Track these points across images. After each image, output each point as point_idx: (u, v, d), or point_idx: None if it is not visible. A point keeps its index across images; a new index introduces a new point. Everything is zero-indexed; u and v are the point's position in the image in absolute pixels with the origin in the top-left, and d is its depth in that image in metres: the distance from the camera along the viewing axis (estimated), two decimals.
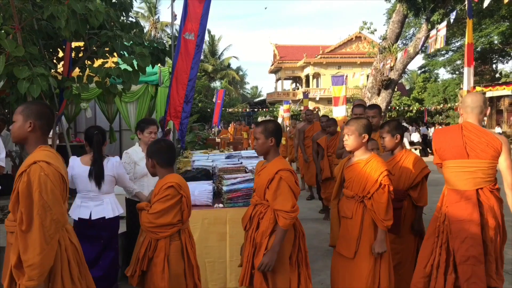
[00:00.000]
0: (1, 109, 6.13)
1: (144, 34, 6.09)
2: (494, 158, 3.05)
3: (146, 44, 5.31)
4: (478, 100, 3.14)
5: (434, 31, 8.90)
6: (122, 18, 5.35)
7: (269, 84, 74.76)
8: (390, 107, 27.98)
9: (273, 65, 48.70)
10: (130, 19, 5.54)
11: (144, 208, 2.88)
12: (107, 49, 5.05)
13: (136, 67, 4.94)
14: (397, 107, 31.60)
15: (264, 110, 44.71)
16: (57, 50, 5.48)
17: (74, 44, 5.29)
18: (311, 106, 28.41)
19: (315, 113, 10.41)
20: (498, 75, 29.08)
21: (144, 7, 45.17)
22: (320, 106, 33.43)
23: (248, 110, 43.73)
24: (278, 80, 49.79)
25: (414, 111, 31.81)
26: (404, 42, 25.62)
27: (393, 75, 11.47)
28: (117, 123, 10.13)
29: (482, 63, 28.32)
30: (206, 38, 44.41)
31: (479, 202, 3.06)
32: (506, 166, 3.05)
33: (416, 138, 20.50)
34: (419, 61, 57.43)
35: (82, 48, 5.39)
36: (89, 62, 5.34)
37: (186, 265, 2.87)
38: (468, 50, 6.47)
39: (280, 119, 29.68)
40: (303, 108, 19.60)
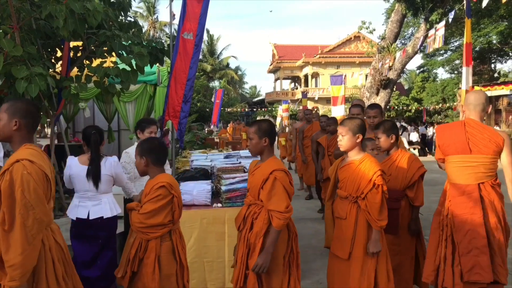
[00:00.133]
0: None
1: (142, 34, 6.09)
2: (496, 153, 3.16)
3: (144, 43, 5.31)
4: (480, 98, 3.27)
5: (432, 31, 8.91)
6: (120, 17, 5.34)
7: (268, 83, 74.99)
8: (389, 107, 28.03)
9: (272, 64, 48.71)
10: (129, 19, 5.53)
11: (134, 208, 2.84)
12: (106, 48, 5.04)
13: (134, 67, 4.94)
14: (395, 107, 31.62)
15: (263, 109, 44.71)
16: (55, 49, 5.47)
17: (72, 43, 5.29)
18: (310, 105, 28.40)
19: (315, 112, 10.39)
20: (496, 75, 29.11)
21: (142, 7, 45.16)
22: (319, 105, 33.41)
23: (247, 109, 43.75)
24: (277, 79, 49.81)
25: (413, 111, 31.85)
26: (403, 42, 25.65)
27: (391, 75, 11.48)
28: (115, 123, 10.11)
29: (480, 63, 28.34)
30: (204, 37, 44.47)
31: (481, 197, 3.16)
32: (508, 162, 3.17)
33: (415, 137, 20.53)
34: (418, 60, 57.44)
35: (81, 47, 5.38)
36: (87, 62, 5.33)
37: (178, 266, 2.84)
38: (466, 50, 6.48)
39: (279, 119, 29.71)
40: (302, 107, 19.59)
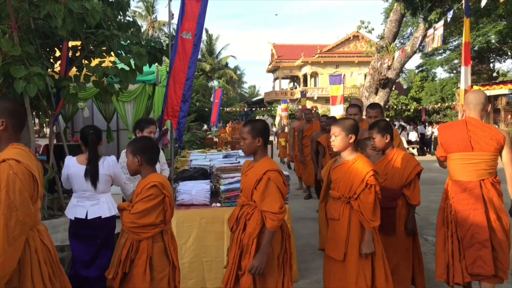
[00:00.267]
0: None
1: (141, 33, 6.09)
2: (497, 150, 3.28)
3: (143, 43, 5.31)
4: (480, 97, 3.39)
5: (431, 30, 8.92)
6: (119, 17, 5.35)
7: (267, 83, 74.92)
8: (387, 106, 28.04)
9: (271, 64, 48.72)
10: (127, 18, 5.54)
11: (125, 208, 2.79)
12: (104, 48, 5.04)
13: (133, 67, 4.94)
14: (394, 106, 31.65)
15: (262, 109, 44.72)
16: (54, 49, 5.47)
17: (71, 43, 5.28)
18: (309, 105, 28.42)
19: (314, 112, 10.37)
20: (495, 74, 29.15)
21: (141, 6, 45.12)
22: (318, 105, 33.44)
23: (246, 109, 43.75)
24: (276, 79, 49.82)
25: (412, 110, 31.88)
26: (401, 41, 25.65)
27: (390, 74, 11.49)
28: (114, 123, 10.10)
29: (479, 62, 28.35)
30: (203, 37, 44.46)
31: (481, 193, 3.28)
32: (508, 159, 3.29)
33: (413, 137, 20.54)
34: (417, 60, 57.49)
35: (79, 47, 5.38)
36: (86, 62, 5.33)
37: (170, 267, 2.80)
38: (465, 49, 6.49)
39: (278, 118, 29.71)
40: (301, 106, 19.59)
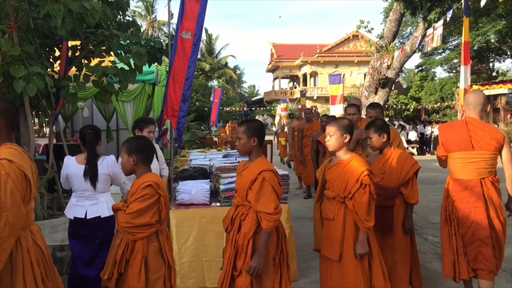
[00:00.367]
0: None
1: (141, 33, 6.09)
2: (497, 149, 3.38)
3: (142, 43, 5.31)
4: (480, 98, 3.48)
5: (431, 30, 8.91)
6: (118, 17, 5.35)
7: (266, 83, 74.94)
8: (387, 106, 28.03)
9: (270, 64, 48.72)
10: (127, 18, 5.54)
11: (120, 208, 2.77)
12: (104, 48, 5.04)
13: (133, 66, 4.94)
14: (394, 106, 31.66)
15: (261, 109, 44.71)
16: (53, 49, 5.47)
17: (70, 43, 5.28)
18: (309, 104, 28.42)
19: (314, 111, 10.37)
20: (495, 74, 29.16)
21: (141, 6, 45.12)
22: (317, 105, 33.45)
23: (245, 109, 43.75)
24: (275, 79, 49.83)
25: (411, 110, 31.89)
26: (401, 41, 25.64)
27: (390, 74, 11.50)
28: (114, 122, 10.11)
29: (479, 62, 28.36)
30: (203, 37, 44.44)
31: (482, 191, 3.38)
32: (508, 158, 3.39)
33: (413, 136, 20.54)
34: (416, 59, 57.48)
35: (79, 47, 5.38)
36: (85, 61, 5.33)
37: (166, 267, 2.79)
38: (465, 49, 6.49)
39: (277, 118, 29.70)
40: (301, 106, 19.60)
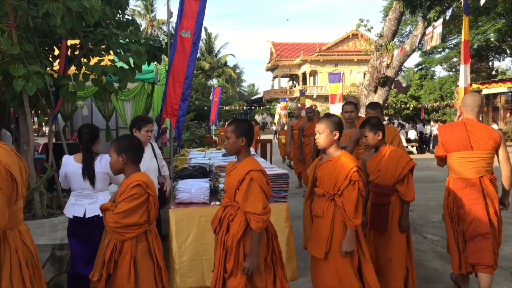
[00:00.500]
0: None
1: (140, 32, 6.08)
2: (494, 149, 3.56)
3: (142, 42, 5.30)
4: (477, 100, 3.68)
5: (430, 29, 8.92)
6: (118, 16, 5.33)
7: (266, 82, 74.79)
8: (387, 105, 28.06)
9: (270, 62, 48.70)
10: (126, 17, 5.52)
11: (108, 208, 2.73)
12: (103, 47, 5.03)
13: (132, 65, 4.93)
14: (393, 105, 31.68)
15: (261, 108, 44.71)
16: (52, 48, 5.46)
17: (70, 42, 5.27)
18: (308, 103, 28.42)
19: (315, 110, 10.36)
20: (494, 73, 29.19)
21: (140, 5, 45.08)
22: (317, 103, 33.45)
23: (245, 108, 43.73)
24: (275, 78, 49.81)
25: (411, 109, 31.90)
26: (400, 40, 25.67)
27: (389, 73, 11.50)
28: (113, 121, 10.11)
29: (478, 61, 28.39)
30: (202, 36, 44.37)
31: (482, 189, 3.56)
32: (504, 158, 3.57)
33: (412, 135, 20.54)
34: (416, 58, 57.52)
35: (78, 46, 5.37)
36: (85, 60, 5.32)
37: (155, 267, 2.76)
38: (464, 48, 6.49)
39: (277, 117, 29.72)
40: (300, 105, 19.61)
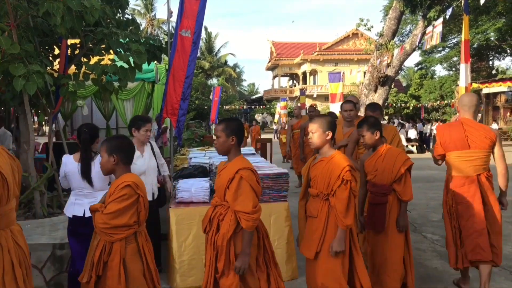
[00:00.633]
0: None
1: (140, 31, 6.08)
2: (490, 147, 3.67)
3: (142, 41, 5.30)
4: (474, 100, 3.79)
5: (430, 28, 8.92)
6: (118, 15, 5.33)
7: (266, 81, 74.83)
8: (387, 104, 28.06)
9: (270, 62, 48.68)
10: (126, 16, 5.53)
11: (98, 209, 2.70)
12: (103, 46, 5.03)
13: (132, 64, 4.93)
14: (394, 104, 31.68)
15: (261, 107, 44.70)
16: (53, 47, 5.46)
17: (70, 41, 5.27)
18: (308, 103, 28.41)
19: (316, 110, 10.35)
20: (494, 72, 29.19)
21: (140, 4, 45.06)
22: (317, 103, 33.44)
23: (245, 107, 43.72)
24: (275, 77, 49.79)
25: (411, 108, 31.90)
26: (400, 39, 25.64)
27: (389, 72, 11.49)
28: (113, 121, 10.11)
29: (478, 60, 28.39)
30: (202, 35, 44.37)
31: (479, 187, 3.66)
32: (499, 155, 3.68)
33: (412, 135, 20.52)
34: (416, 57, 57.49)
35: (78, 45, 5.37)
36: (85, 59, 5.32)
37: (145, 268, 2.74)
38: (464, 47, 6.49)
39: (277, 116, 29.72)
40: (300, 104, 19.62)
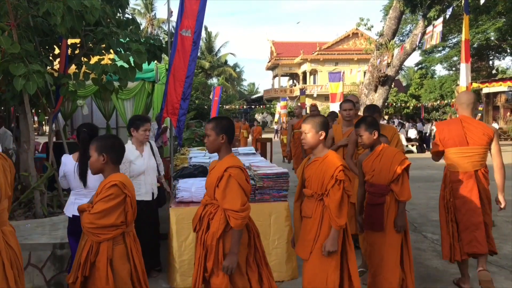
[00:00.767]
0: None
1: (140, 31, 6.08)
2: (488, 144, 3.78)
3: (142, 41, 5.30)
4: (472, 98, 3.92)
5: (430, 27, 8.91)
6: (118, 14, 5.34)
7: (266, 81, 74.82)
8: (387, 104, 28.04)
9: (270, 61, 48.67)
10: (127, 16, 5.53)
11: (85, 209, 2.68)
12: (103, 46, 5.03)
13: (132, 64, 4.93)
14: (394, 104, 31.67)
15: (261, 107, 44.70)
16: (53, 47, 5.47)
17: (70, 41, 5.27)
18: (308, 102, 28.40)
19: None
20: (494, 72, 29.18)
21: (140, 4, 45.07)
22: (317, 102, 33.40)
23: (245, 107, 43.72)
24: (275, 77, 49.78)
25: (411, 108, 31.89)
26: (401, 39, 25.60)
27: (390, 72, 11.49)
28: (114, 120, 10.11)
29: (478, 60, 28.36)
30: (202, 34, 44.38)
31: (476, 182, 3.78)
32: (496, 150, 3.80)
33: (413, 134, 20.52)
34: (416, 57, 57.47)
35: (78, 45, 5.38)
36: (85, 59, 5.33)
37: (132, 269, 2.71)
38: (465, 47, 6.48)
39: (277, 116, 29.70)
40: (300, 104, 19.60)
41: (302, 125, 3.13)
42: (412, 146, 19.57)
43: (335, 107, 12.29)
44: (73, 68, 5.40)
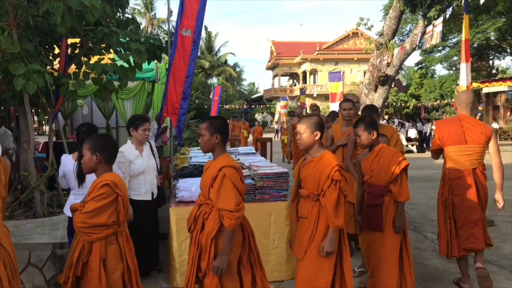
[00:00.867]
0: None
1: (140, 31, 6.08)
2: (486, 143, 3.84)
3: (142, 40, 5.30)
4: (471, 97, 3.98)
5: (430, 27, 8.90)
6: (118, 14, 5.33)
7: (266, 80, 74.80)
8: (387, 103, 28.03)
9: (270, 61, 48.66)
10: (126, 16, 5.53)
11: (77, 208, 2.68)
12: (103, 45, 5.03)
13: (132, 64, 4.93)
14: (394, 103, 31.67)
15: (261, 106, 44.71)
16: (53, 46, 5.46)
17: (70, 40, 5.27)
18: (308, 102, 28.40)
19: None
20: (494, 71, 29.18)
21: (140, 4, 45.06)
22: (317, 102, 33.41)
23: (245, 106, 43.72)
24: (275, 76, 49.78)
25: (411, 107, 31.89)
26: (401, 38, 25.58)
27: (390, 71, 11.47)
28: (114, 120, 10.10)
29: (478, 59, 28.35)
30: (202, 34, 44.37)
31: (474, 180, 3.84)
32: (494, 149, 3.84)
33: (413, 134, 20.51)
34: (416, 57, 57.45)
35: (78, 44, 5.37)
36: (85, 59, 5.33)
37: (125, 269, 2.71)
38: (465, 46, 6.48)
39: (277, 116, 29.70)
40: (300, 103, 19.61)
41: (297, 125, 3.11)
42: (412, 146, 19.57)
43: (335, 107, 12.27)
44: (73, 67, 5.40)
